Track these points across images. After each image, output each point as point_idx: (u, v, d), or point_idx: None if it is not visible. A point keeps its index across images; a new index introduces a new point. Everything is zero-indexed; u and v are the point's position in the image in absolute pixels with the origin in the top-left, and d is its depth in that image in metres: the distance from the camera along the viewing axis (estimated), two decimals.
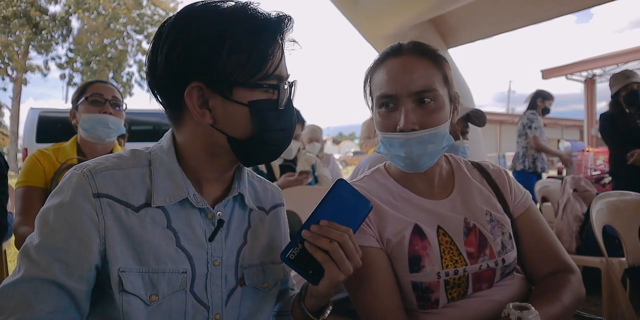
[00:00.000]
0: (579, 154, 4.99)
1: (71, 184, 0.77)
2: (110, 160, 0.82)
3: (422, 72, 0.98)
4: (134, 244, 0.77)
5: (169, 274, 0.79)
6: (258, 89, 0.80)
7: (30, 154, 1.77)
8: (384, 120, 1.01)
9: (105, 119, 1.78)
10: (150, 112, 9.99)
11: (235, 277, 0.88)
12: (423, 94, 0.97)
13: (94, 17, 23.73)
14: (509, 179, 1.14)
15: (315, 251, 0.79)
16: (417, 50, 1.01)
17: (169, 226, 0.81)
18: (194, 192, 0.84)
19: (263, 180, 1.04)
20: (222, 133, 0.81)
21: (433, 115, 0.98)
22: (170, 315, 0.79)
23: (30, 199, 1.63)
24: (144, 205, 0.79)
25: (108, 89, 1.84)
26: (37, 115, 8.71)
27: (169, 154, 0.85)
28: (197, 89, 0.78)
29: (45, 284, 0.72)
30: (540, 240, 1.08)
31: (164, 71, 0.79)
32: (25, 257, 0.74)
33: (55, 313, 0.72)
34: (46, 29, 22.76)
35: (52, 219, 0.75)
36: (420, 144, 0.98)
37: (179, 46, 0.77)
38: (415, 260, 0.98)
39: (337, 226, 0.82)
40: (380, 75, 1.02)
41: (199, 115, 0.79)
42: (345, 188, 0.88)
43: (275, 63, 0.81)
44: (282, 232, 1.01)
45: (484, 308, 0.99)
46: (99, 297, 0.78)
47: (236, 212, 0.91)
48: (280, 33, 0.82)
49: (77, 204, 0.75)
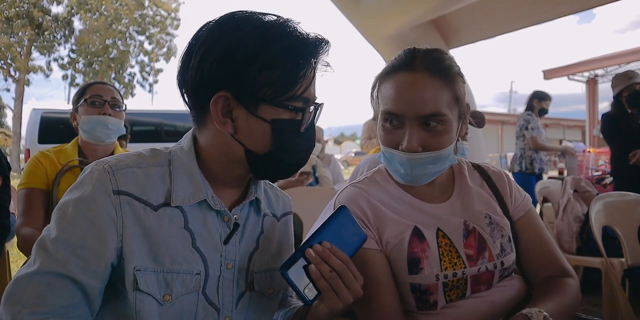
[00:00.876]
0: (580, 154, 4.99)
1: (92, 179, 0.77)
2: (131, 158, 0.82)
3: (433, 95, 0.95)
4: (150, 243, 0.77)
5: (184, 274, 0.79)
6: (283, 108, 0.80)
7: (33, 154, 1.78)
8: (387, 135, 1.00)
9: (105, 120, 1.78)
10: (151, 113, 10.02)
11: (245, 282, 0.88)
12: (430, 117, 0.95)
13: (96, 18, 23.77)
14: (510, 181, 1.15)
15: (320, 279, 0.79)
16: (432, 69, 0.97)
17: (186, 227, 0.81)
18: (212, 194, 0.84)
19: (275, 187, 1.05)
20: (241, 144, 0.82)
21: (438, 138, 0.96)
22: (182, 316, 0.80)
23: (32, 201, 1.64)
24: (162, 204, 0.80)
25: (107, 90, 1.84)
26: (39, 116, 8.73)
27: (189, 155, 0.85)
28: (223, 99, 0.79)
29: (60, 278, 0.72)
30: (539, 245, 1.08)
31: (195, 76, 0.79)
32: (42, 250, 0.74)
33: (68, 308, 0.73)
34: (48, 29, 22.82)
35: (70, 213, 0.75)
36: (421, 166, 0.97)
37: (213, 54, 0.77)
38: (414, 262, 0.98)
39: (336, 251, 0.82)
40: (389, 88, 0.99)
41: (221, 123, 0.80)
42: (346, 216, 0.90)
43: (305, 85, 0.81)
44: (290, 240, 1.02)
45: (481, 308, 0.99)
46: (111, 294, 0.79)
47: (251, 217, 0.92)
48: (315, 56, 0.82)
49: (97, 199, 0.75)
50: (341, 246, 0.84)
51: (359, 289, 0.82)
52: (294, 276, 0.80)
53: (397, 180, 1.09)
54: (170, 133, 10.15)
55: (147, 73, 26.69)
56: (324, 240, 0.83)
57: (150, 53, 26.17)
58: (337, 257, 0.81)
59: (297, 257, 0.81)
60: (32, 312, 0.70)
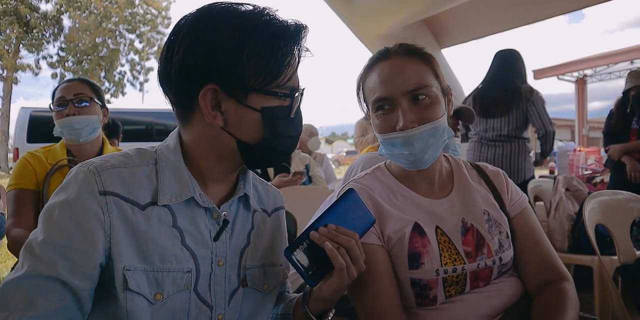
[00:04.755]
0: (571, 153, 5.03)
1: (77, 181, 0.76)
2: (116, 158, 0.82)
3: (412, 71, 1.00)
4: (139, 242, 0.77)
5: (174, 273, 0.79)
6: (272, 96, 0.80)
7: (21, 154, 1.75)
8: (383, 122, 1.02)
9: (69, 122, 1.72)
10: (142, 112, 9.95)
11: (237, 278, 0.88)
12: (417, 91, 0.98)
13: (85, 16, 23.55)
14: (506, 180, 1.17)
15: (336, 257, 0.80)
16: (404, 51, 1.03)
17: (174, 225, 0.81)
18: (200, 191, 0.84)
19: (265, 183, 1.05)
20: (232, 136, 0.81)
21: (429, 110, 0.99)
22: (174, 315, 0.79)
23: (21, 201, 1.62)
24: (150, 203, 0.79)
25: (70, 88, 1.76)
26: (28, 115, 8.65)
27: (175, 153, 0.85)
28: (211, 91, 0.78)
29: (49, 281, 0.71)
30: (534, 243, 1.09)
31: (180, 72, 0.78)
32: (29, 254, 0.73)
33: (58, 311, 0.71)
34: (37, 27, 22.55)
35: (57, 216, 0.74)
36: (422, 140, 0.99)
37: (197, 48, 0.77)
38: (414, 257, 0.99)
39: (343, 231, 0.83)
40: (372, 79, 1.03)
41: (211, 117, 0.79)
42: (354, 198, 0.91)
43: (290, 72, 0.82)
44: (282, 235, 1.02)
45: (480, 304, 1.00)
46: (102, 295, 0.78)
47: (240, 213, 0.91)
48: (297, 42, 0.83)
49: (83, 201, 0.75)
50: (348, 228, 0.85)
51: (364, 265, 0.84)
52: (299, 259, 0.81)
53: (397, 176, 1.11)
54: (161, 132, 10.09)
55: (138, 72, 26.52)
56: (329, 223, 0.84)
57: (141, 52, 26.00)
58: (345, 235, 0.83)
59: (302, 239, 0.82)
60: (22, 316, 0.68)
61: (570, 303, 0.98)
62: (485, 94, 3.09)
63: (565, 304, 0.97)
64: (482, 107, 3.09)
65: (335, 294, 0.85)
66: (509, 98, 2.98)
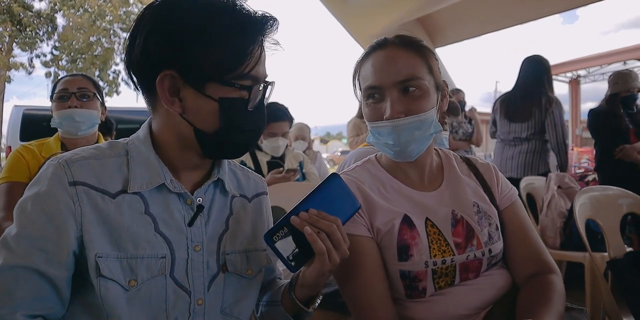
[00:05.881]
0: None
1: (47, 174, 0.78)
2: (87, 151, 0.83)
3: (406, 62, 1.00)
4: (111, 230, 0.77)
5: (148, 259, 0.79)
6: (231, 87, 0.80)
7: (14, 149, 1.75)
8: (372, 110, 1.03)
9: (70, 114, 1.73)
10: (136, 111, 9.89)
11: (217, 264, 0.88)
12: (407, 82, 0.99)
13: (79, 15, 23.41)
14: (497, 173, 1.17)
15: (316, 241, 0.80)
16: (401, 42, 1.04)
17: (146, 212, 0.81)
18: (171, 178, 0.84)
19: (246, 169, 1.05)
20: (190, 124, 0.81)
21: (418, 102, 0.99)
22: (151, 301, 0.79)
23: (14, 195, 1.61)
24: (120, 191, 0.80)
25: (74, 81, 1.78)
26: (21, 113, 8.58)
27: (145, 143, 0.85)
28: (169, 77, 0.79)
29: (25, 271, 0.72)
30: (522, 236, 1.10)
31: (141, 55, 0.79)
32: (4, 248, 0.74)
33: (37, 300, 0.73)
34: (30, 26, 22.38)
35: (29, 209, 0.76)
36: (408, 131, 0.99)
37: (157, 32, 0.77)
38: (403, 249, 0.99)
39: (325, 215, 0.83)
40: (367, 67, 1.04)
41: (169, 103, 0.80)
42: (338, 183, 0.90)
43: (252, 63, 0.81)
44: (264, 220, 1.02)
45: (470, 296, 1.01)
46: (80, 285, 0.78)
47: (217, 199, 0.91)
48: (262, 34, 0.82)
49: (54, 192, 0.76)
50: (332, 213, 0.84)
51: (347, 250, 0.84)
52: (279, 244, 0.81)
53: (387, 168, 1.11)
54: None
55: None
56: (310, 208, 0.83)
57: None
58: (326, 220, 0.82)
59: (282, 224, 0.81)
60: (0, 307, 0.70)
61: (556, 295, 0.98)
62: (511, 100, 3.38)
63: (551, 296, 0.98)
64: (507, 112, 3.38)
65: (318, 280, 0.85)
66: (528, 107, 3.23)
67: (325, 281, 0.88)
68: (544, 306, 0.94)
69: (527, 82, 3.31)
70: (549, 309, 0.93)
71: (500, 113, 3.44)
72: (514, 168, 3.32)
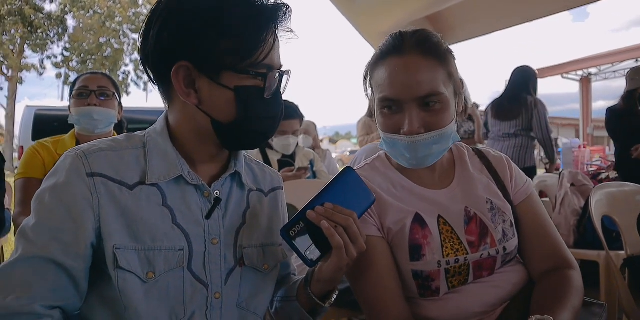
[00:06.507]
0: (576, 150, 5.01)
1: (65, 165, 0.78)
2: (104, 142, 0.83)
3: (427, 75, 0.94)
4: (129, 222, 0.78)
5: (166, 251, 0.79)
6: (246, 75, 0.80)
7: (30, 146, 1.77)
8: (387, 121, 0.99)
9: (89, 112, 1.75)
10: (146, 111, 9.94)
11: (234, 257, 0.88)
12: (428, 98, 0.94)
13: (89, 16, 23.61)
14: (510, 165, 1.14)
15: (333, 235, 0.79)
16: (421, 48, 0.96)
17: (164, 204, 0.81)
18: (188, 170, 0.84)
19: (262, 164, 1.05)
20: (206, 115, 0.81)
21: (438, 116, 0.96)
22: (169, 294, 0.79)
23: (29, 191, 1.63)
24: (138, 183, 0.80)
25: (94, 80, 1.80)
26: (33, 113, 8.67)
27: (162, 135, 0.85)
28: (184, 68, 0.79)
29: (43, 262, 0.73)
30: (539, 231, 1.07)
31: (155, 47, 0.79)
32: (23, 238, 0.75)
33: (55, 291, 0.73)
34: (41, 27, 22.62)
35: (47, 200, 0.76)
36: (426, 146, 0.97)
37: (170, 24, 0.78)
38: (415, 248, 0.98)
39: (341, 210, 0.82)
40: (382, 74, 0.98)
41: (185, 94, 0.80)
42: (352, 177, 0.89)
43: (266, 51, 0.81)
44: (280, 215, 1.02)
45: (485, 293, 0.99)
46: (97, 277, 0.79)
47: (234, 192, 0.91)
48: (274, 21, 0.82)
49: (71, 184, 0.76)
50: (347, 207, 0.84)
51: (363, 244, 0.83)
52: (296, 239, 0.80)
53: (397, 167, 1.09)
54: None
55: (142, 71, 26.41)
56: (326, 202, 0.82)
57: None
58: (342, 214, 0.81)
59: (298, 219, 0.81)
60: (19, 298, 0.70)
61: (572, 290, 0.96)
62: (501, 104, 3.90)
63: (567, 291, 0.96)
64: (497, 113, 3.89)
65: (335, 275, 0.85)
66: (516, 107, 3.74)
67: (342, 276, 0.87)
68: (558, 301, 0.92)
69: (515, 87, 3.82)
70: (564, 304, 0.91)
71: (490, 115, 3.95)
72: None
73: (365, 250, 0.86)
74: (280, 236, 0.81)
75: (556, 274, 1.01)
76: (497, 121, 3.87)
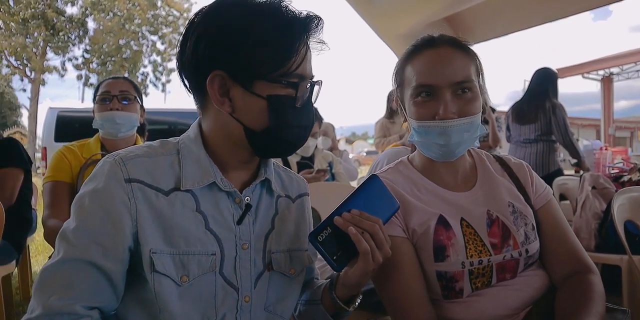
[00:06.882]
0: (597, 152, 4.92)
1: (104, 171, 0.81)
2: (140, 149, 0.86)
3: (461, 64, 1.01)
4: (164, 226, 0.80)
5: (199, 255, 0.82)
6: (278, 84, 0.82)
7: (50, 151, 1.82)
8: (421, 108, 1.02)
9: (112, 116, 1.80)
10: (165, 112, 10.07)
11: (263, 262, 0.90)
12: (463, 84, 0.99)
13: (109, 18, 24.01)
14: (530, 172, 1.16)
15: (360, 241, 0.81)
16: (452, 43, 1.04)
17: (198, 209, 0.84)
18: (221, 177, 0.86)
19: (288, 170, 1.07)
20: (240, 123, 0.84)
21: (470, 104, 1.00)
22: (201, 297, 0.82)
23: (57, 193, 1.68)
24: (173, 189, 0.83)
25: (116, 84, 1.85)
26: (55, 115, 8.83)
27: (195, 142, 0.88)
28: (219, 78, 0.82)
29: (84, 264, 0.76)
30: (559, 235, 1.08)
31: (191, 57, 0.82)
32: (64, 241, 0.78)
33: (94, 293, 0.76)
34: (63, 30, 23.09)
35: (87, 204, 0.79)
36: (459, 132, 1.00)
37: (207, 35, 0.81)
38: (440, 249, 1.00)
39: (367, 216, 0.84)
40: (417, 65, 1.03)
41: (219, 103, 0.83)
42: (378, 184, 0.91)
43: (298, 61, 0.83)
44: (307, 221, 1.04)
45: (507, 297, 1.00)
46: (133, 279, 0.82)
47: (264, 198, 0.94)
48: (306, 32, 0.84)
49: (110, 189, 0.79)
50: (372, 214, 0.86)
51: (389, 250, 0.85)
52: (323, 244, 0.82)
53: (420, 169, 1.11)
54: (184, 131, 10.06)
55: (160, 73, 26.93)
56: (352, 208, 0.85)
57: (163, 53, 26.37)
58: (369, 220, 0.83)
59: (326, 224, 0.83)
60: (61, 298, 0.73)
61: (596, 296, 0.97)
62: (521, 107, 3.92)
63: (591, 296, 0.96)
64: (517, 116, 3.92)
65: (361, 279, 0.86)
66: (534, 111, 3.76)
67: (367, 280, 0.89)
68: (584, 307, 0.93)
69: (534, 90, 3.84)
70: (589, 310, 0.92)
71: (511, 118, 3.97)
72: None
73: (391, 251, 0.88)
74: (309, 241, 0.83)
75: (577, 279, 1.02)
76: (517, 125, 3.89)
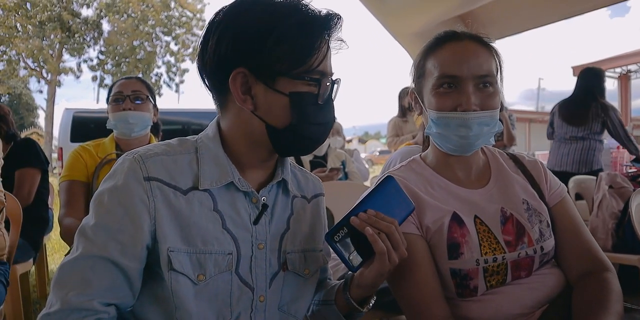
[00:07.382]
0: (614, 151, 4.84)
1: (124, 169, 0.81)
2: (159, 147, 0.86)
3: (485, 58, 1.02)
4: (182, 225, 0.81)
5: (216, 255, 0.82)
6: (300, 80, 0.82)
7: (66, 151, 1.85)
8: (442, 99, 1.02)
9: (124, 116, 1.82)
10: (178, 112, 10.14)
11: (278, 262, 0.90)
12: (485, 78, 1.00)
13: (123, 20, 24.25)
14: (545, 169, 1.15)
15: (377, 242, 0.81)
16: (476, 38, 1.05)
17: (215, 209, 0.84)
18: (239, 176, 0.87)
19: (304, 170, 1.07)
20: (262, 120, 0.84)
21: (491, 98, 1.01)
22: (217, 296, 0.83)
23: (73, 192, 1.70)
24: (191, 188, 0.83)
25: (128, 84, 1.87)
26: (71, 116, 8.96)
27: (214, 141, 0.88)
28: (241, 75, 0.82)
29: (102, 261, 0.77)
30: (574, 233, 1.07)
31: (213, 56, 0.83)
32: (83, 237, 0.79)
33: (111, 289, 0.77)
34: (78, 32, 23.39)
35: (106, 201, 0.79)
36: (479, 125, 1.00)
37: (228, 33, 0.81)
38: (454, 247, 0.99)
39: (383, 217, 0.84)
40: (441, 56, 1.04)
41: (241, 100, 0.83)
42: (393, 185, 0.92)
43: (319, 58, 0.83)
44: (322, 221, 1.04)
45: (522, 295, 0.99)
46: (149, 277, 0.82)
47: (280, 199, 0.94)
48: (327, 29, 0.85)
49: (129, 186, 0.79)
50: (388, 215, 0.86)
51: (405, 250, 0.85)
52: (340, 244, 0.82)
53: (433, 167, 1.11)
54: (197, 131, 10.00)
55: (174, 73, 27.10)
56: (368, 209, 0.85)
57: (177, 53, 26.54)
58: (384, 221, 0.83)
59: (342, 224, 0.83)
60: (79, 294, 0.74)
61: (613, 294, 0.95)
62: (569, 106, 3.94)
63: (608, 295, 0.95)
64: (565, 115, 3.91)
65: (376, 280, 0.86)
66: (584, 113, 3.78)
67: (383, 281, 0.88)
68: (602, 306, 0.92)
69: (581, 91, 3.85)
70: (608, 310, 0.90)
71: (558, 115, 3.94)
72: (569, 163, 3.73)
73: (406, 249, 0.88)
74: (325, 241, 0.83)
75: (594, 277, 1.01)
76: (564, 123, 3.88)
